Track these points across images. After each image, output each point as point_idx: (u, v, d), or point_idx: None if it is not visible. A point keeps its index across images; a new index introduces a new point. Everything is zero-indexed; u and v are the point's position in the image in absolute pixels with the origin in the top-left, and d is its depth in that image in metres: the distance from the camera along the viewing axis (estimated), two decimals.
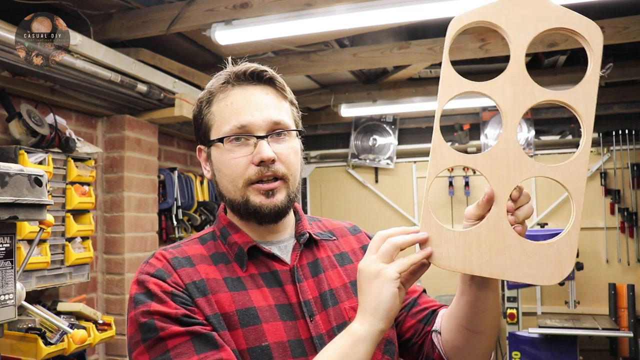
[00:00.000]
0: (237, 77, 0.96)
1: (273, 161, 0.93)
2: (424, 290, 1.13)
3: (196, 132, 1.03)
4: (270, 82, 0.98)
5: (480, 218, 0.84)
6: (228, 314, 0.88)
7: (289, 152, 0.96)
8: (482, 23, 0.83)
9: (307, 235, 1.02)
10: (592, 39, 0.77)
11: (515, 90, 0.81)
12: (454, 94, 0.83)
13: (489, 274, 0.80)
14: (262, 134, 0.94)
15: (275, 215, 0.96)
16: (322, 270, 1.00)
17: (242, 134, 0.94)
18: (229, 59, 1.02)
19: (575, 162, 0.79)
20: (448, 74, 0.84)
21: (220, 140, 0.95)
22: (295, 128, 0.99)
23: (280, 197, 0.95)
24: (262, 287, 0.93)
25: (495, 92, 0.82)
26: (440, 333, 1.01)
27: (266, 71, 0.98)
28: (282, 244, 1.01)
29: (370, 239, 1.12)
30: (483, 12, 0.83)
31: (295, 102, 1.03)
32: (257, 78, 0.97)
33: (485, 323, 0.93)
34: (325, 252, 1.04)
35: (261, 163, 0.92)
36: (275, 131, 0.95)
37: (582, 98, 0.78)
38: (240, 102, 0.95)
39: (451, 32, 0.84)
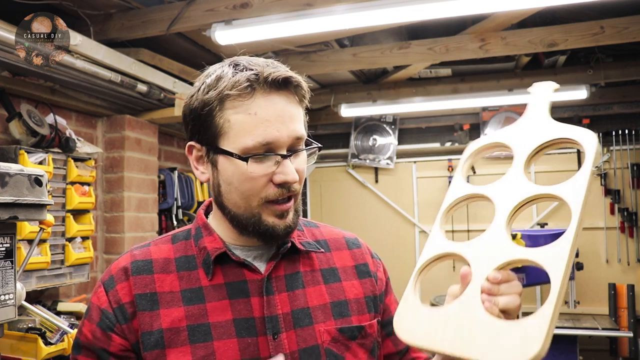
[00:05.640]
0: (265, 82, 0.84)
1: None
2: None
3: (193, 130, 0.90)
4: (295, 89, 0.88)
5: None
6: (177, 329, 0.84)
7: (303, 167, 0.90)
8: (493, 145, 0.94)
9: (290, 244, 0.93)
10: (587, 144, 0.83)
11: (511, 190, 0.86)
12: (459, 196, 0.92)
13: (451, 351, 0.76)
14: (284, 151, 0.86)
15: (287, 235, 0.90)
16: (301, 284, 0.92)
17: (267, 153, 0.85)
18: (243, 59, 0.90)
19: (556, 246, 0.77)
20: (457, 181, 0.93)
21: (244, 159, 0.84)
22: (308, 137, 0.92)
23: (290, 216, 0.89)
24: (224, 298, 0.87)
25: (493, 192, 0.88)
26: None
27: (294, 77, 0.87)
28: (261, 250, 0.93)
29: (373, 257, 1.05)
30: (494, 137, 0.94)
31: (308, 105, 0.94)
32: (284, 85, 0.86)
33: None
34: (312, 265, 0.95)
35: (283, 184, 0.86)
36: (297, 149, 0.88)
37: (571, 190, 0.82)
38: (265, 112, 0.84)
39: (466, 153, 0.95)
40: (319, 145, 0.93)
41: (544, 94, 0.93)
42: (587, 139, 0.83)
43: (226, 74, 0.86)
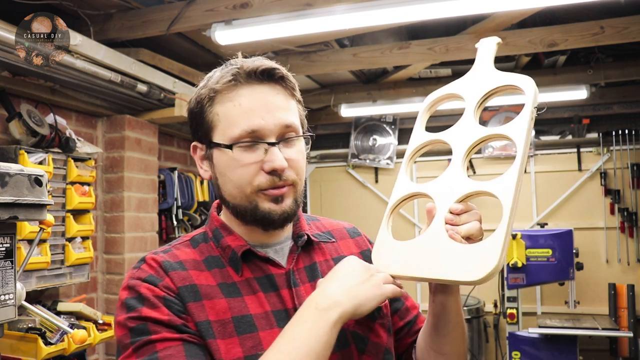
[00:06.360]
0: (247, 75, 0.89)
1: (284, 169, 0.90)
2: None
3: (193, 129, 0.96)
4: (280, 80, 0.92)
5: None
6: (223, 320, 0.85)
7: (298, 157, 0.92)
8: (447, 96, 1.05)
9: (305, 237, 0.98)
10: (526, 87, 0.94)
11: (464, 133, 0.97)
12: (419, 143, 1.03)
13: (424, 275, 0.87)
14: (272, 139, 0.89)
15: (284, 221, 0.93)
16: (319, 274, 0.96)
17: (253, 140, 0.88)
18: (239, 54, 0.96)
19: (505, 177, 0.87)
20: (417, 131, 1.05)
21: (229, 146, 0.89)
22: (302, 128, 0.95)
23: (288, 202, 0.91)
24: (258, 292, 0.90)
25: (449, 137, 1.00)
26: (415, 348, 1.04)
27: (278, 69, 0.91)
28: (279, 246, 0.97)
29: (371, 243, 1.11)
30: (448, 88, 1.04)
31: (301, 99, 0.98)
32: (267, 76, 0.90)
33: (448, 345, 0.96)
34: (324, 255, 1.01)
35: (273, 172, 0.88)
36: (286, 137, 0.91)
37: (515, 129, 0.91)
38: (250, 103, 0.88)
39: (424, 105, 1.06)
40: (312, 133, 0.98)
41: (488, 48, 1.03)
42: (526, 83, 0.94)
43: (215, 73, 0.94)
